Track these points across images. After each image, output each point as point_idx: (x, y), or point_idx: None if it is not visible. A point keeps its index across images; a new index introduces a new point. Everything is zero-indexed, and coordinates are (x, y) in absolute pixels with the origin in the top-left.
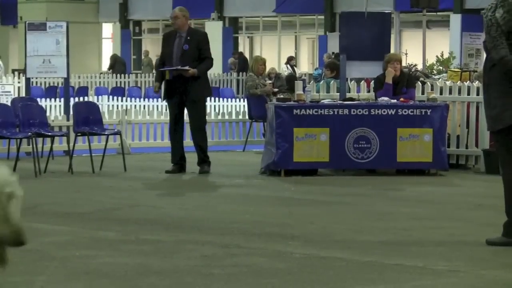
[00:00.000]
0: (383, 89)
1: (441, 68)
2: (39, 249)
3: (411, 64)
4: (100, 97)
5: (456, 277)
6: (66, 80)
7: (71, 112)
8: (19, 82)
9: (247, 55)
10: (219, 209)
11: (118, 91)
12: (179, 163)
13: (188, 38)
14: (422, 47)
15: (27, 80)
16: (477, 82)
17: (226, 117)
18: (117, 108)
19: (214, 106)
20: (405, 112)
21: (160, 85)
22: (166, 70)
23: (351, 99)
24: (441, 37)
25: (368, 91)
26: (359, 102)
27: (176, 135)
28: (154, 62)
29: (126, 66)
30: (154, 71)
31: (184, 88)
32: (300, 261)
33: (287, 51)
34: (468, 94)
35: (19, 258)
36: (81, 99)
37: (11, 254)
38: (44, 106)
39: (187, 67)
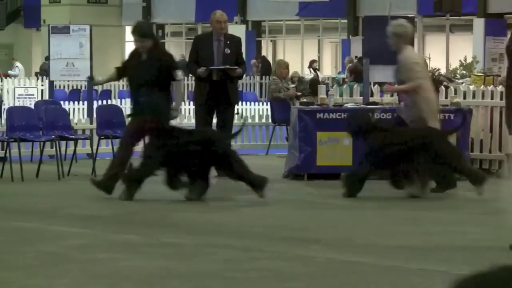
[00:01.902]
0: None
1: (464, 72)
2: (61, 252)
3: (434, 69)
4: (123, 100)
5: None
6: (89, 83)
7: (94, 115)
8: (42, 85)
9: (270, 58)
10: (241, 213)
11: None
12: None
13: (228, 42)
14: (445, 51)
15: (51, 83)
16: (500, 86)
17: (249, 120)
18: None
19: (237, 109)
20: None
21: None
22: (214, 71)
23: (374, 103)
24: (464, 42)
25: (392, 95)
26: (382, 106)
27: None
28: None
29: None
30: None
31: (225, 91)
32: (322, 266)
33: (310, 54)
34: (492, 98)
35: (41, 261)
36: (104, 102)
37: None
38: (67, 109)
39: (235, 67)
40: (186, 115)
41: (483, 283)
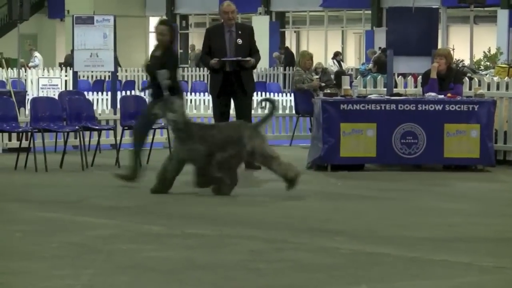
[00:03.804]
0: (428, 84)
1: (488, 63)
2: (85, 243)
3: (458, 60)
4: (147, 90)
5: (502, 274)
6: (113, 73)
7: (118, 106)
8: (66, 76)
9: (293, 49)
10: (265, 204)
11: None
12: None
13: (240, 32)
14: (469, 43)
15: (75, 74)
16: None
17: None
18: None
19: None
20: (452, 107)
21: (219, 64)
22: (227, 62)
23: (398, 94)
24: (488, 33)
25: (415, 87)
26: (406, 97)
27: None
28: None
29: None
30: (201, 65)
31: (240, 81)
32: (346, 257)
33: (334, 46)
34: None
35: (65, 252)
36: (128, 92)
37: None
38: (91, 100)
39: (248, 58)
40: (202, 107)
41: None
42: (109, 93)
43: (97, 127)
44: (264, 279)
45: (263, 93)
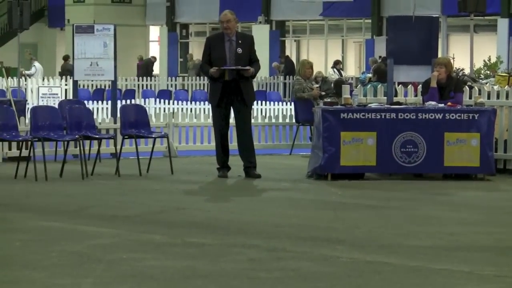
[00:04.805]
0: (428, 93)
1: (488, 72)
2: (85, 252)
3: (459, 69)
4: (147, 100)
5: (503, 283)
6: (114, 82)
7: (118, 115)
8: (66, 85)
9: (293, 58)
10: (266, 212)
11: (165, 94)
12: (228, 166)
13: (240, 41)
14: (469, 52)
15: (75, 83)
16: None
17: (273, 120)
18: (164, 111)
19: (261, 109)
20: (452, 116)
21: (218, 73)
22: (226, 71)
23: (398, 103)
24: (488, 42)
25: (416, 95)
26: (406, 106)
27: (227, 140)
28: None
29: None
30: (201, 74)
31: (239, 90)
32: (347, 266)
33: (334, 54)
34: None
35: (66, 261)
36: (128, 101)
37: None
38: (91, 109)
39: (247, 67)
40: (202, 116)
41: None
42: (109, 102)
43: (97, 136)
44: None
45: (264, 102)
